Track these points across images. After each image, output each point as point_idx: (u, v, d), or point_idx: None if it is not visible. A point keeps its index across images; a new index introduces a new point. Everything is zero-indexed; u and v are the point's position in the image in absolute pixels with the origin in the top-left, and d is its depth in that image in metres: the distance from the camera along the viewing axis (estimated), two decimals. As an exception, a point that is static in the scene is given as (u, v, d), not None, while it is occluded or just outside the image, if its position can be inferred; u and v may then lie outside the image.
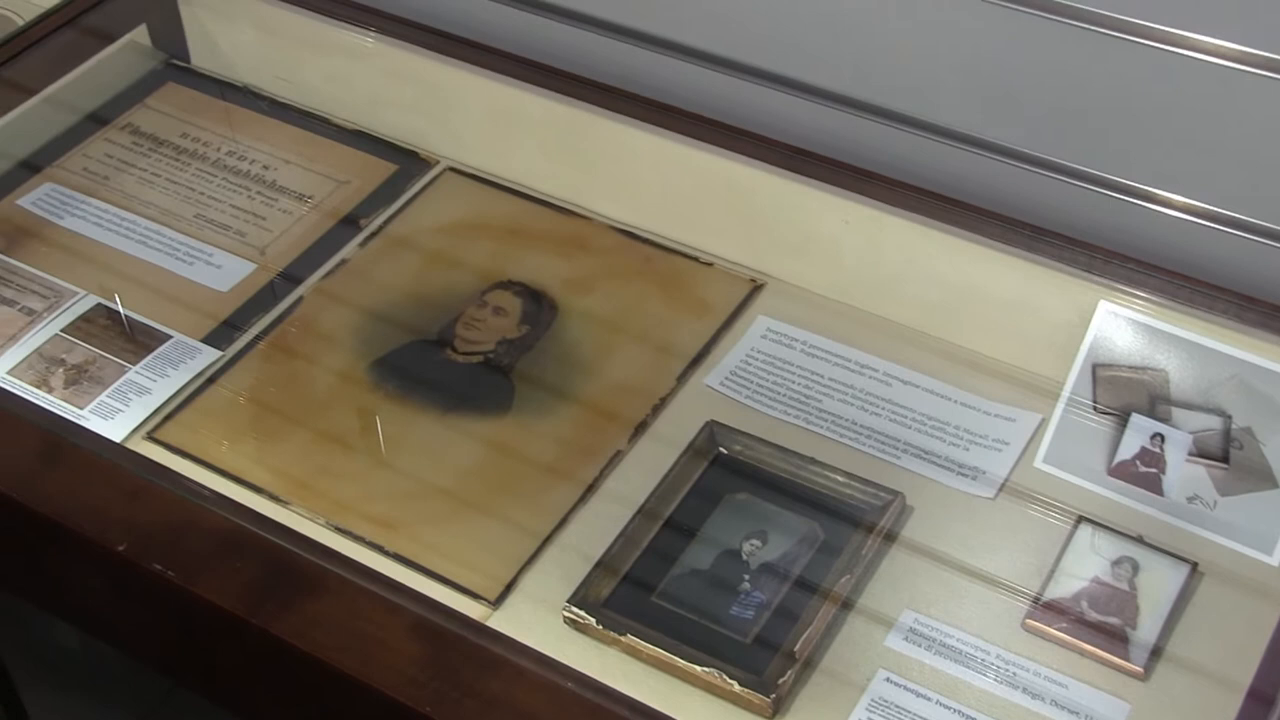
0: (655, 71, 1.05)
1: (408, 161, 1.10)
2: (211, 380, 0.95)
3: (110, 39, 1.15)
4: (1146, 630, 0.79)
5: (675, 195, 1.02)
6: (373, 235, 1.05)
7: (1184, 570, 0.82)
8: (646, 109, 1.02)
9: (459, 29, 1.10)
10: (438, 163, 1.10)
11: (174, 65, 1.18)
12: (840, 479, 0.87)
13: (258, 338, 0.98)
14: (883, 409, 0.92)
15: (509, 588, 0.83)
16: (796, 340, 0.96)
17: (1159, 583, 0.81)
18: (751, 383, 0.94)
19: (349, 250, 1.04)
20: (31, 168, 1.10)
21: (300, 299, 1.00)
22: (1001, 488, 0.88)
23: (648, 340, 0.97)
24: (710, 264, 1.01)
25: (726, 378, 0.94)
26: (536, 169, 1.07)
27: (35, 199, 1.07)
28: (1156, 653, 0.79)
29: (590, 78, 1.05)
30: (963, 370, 0.94)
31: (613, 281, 1.01)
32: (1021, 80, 0.95)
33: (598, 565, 0.83)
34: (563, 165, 1.05)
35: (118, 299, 0.98)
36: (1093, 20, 0.81)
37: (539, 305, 0.99)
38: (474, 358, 0.96)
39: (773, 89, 1.01)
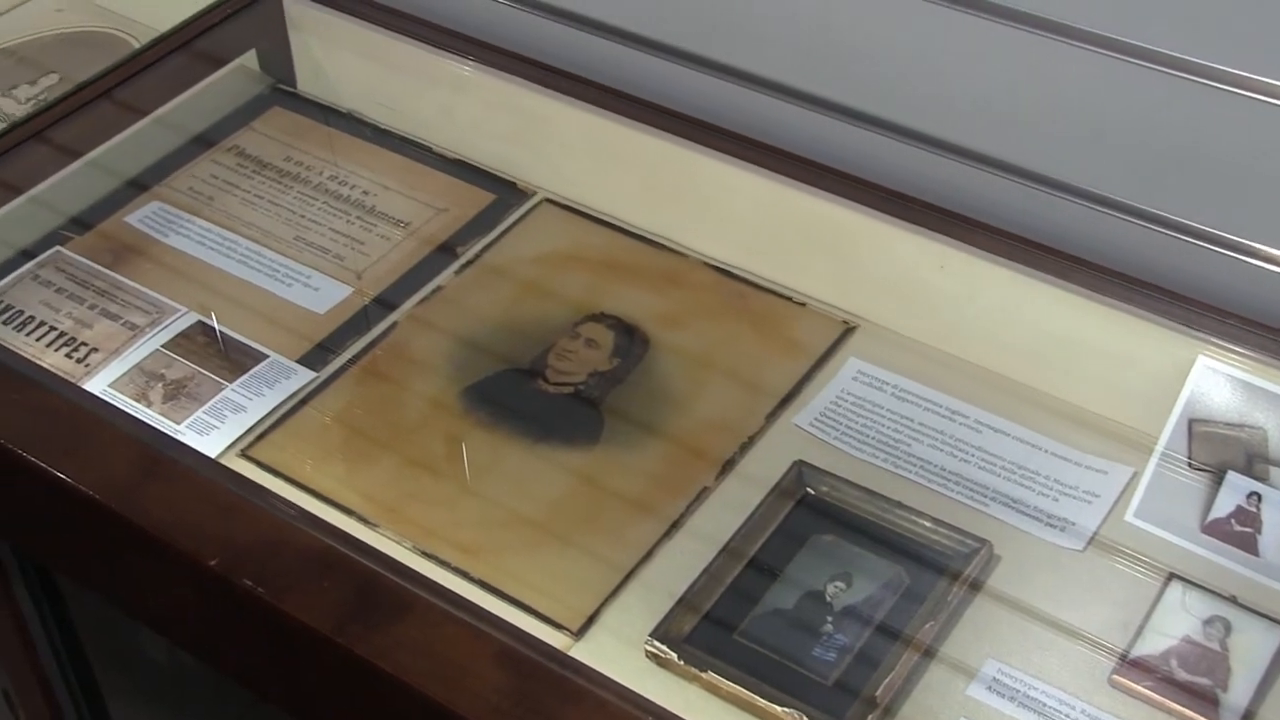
0: (756, 110, 1.06)
1: (506, 191, 1.11)
2: (305, 401, 0.96)
3: (220, 63, 1.18)
4: (1238, 693, 0.78)
5: (771, 234, 1.02)
6: (469, 263, 1.06)
7: (1279, 633, 0.80)
8: (746, 147, 1.02)
9: (560, 62, 1.11)
10: (535, 193, 1.11)
11: (281, 90, 1.21)
12: (927, 524, 0.86)
13: (352, 361, 0.99)
14: (972, 456, 0.91)
15: (591, 620, 0.83)
16: (887, 384, 0.96)
17: (1252, 645, 0.80)
18: (841, 424, 0.94)
19: (445, 277, 1.05)
20: (140, 186, 1.12)
21: (395, 324, 1.01)
22: (1091, 541, 0.87)
23: (738, 378, 0.97)
24: (803, 304, 1.01)
25: (816, 418, 0.94)
26: (633, 203, 1.07)
27: (142, 216, 1.09)
28: (1248, 717, 0.77)
29: (690, 114, 1.06)
30: (1055, 420, 0.93)
31: (705, 318, 1.01)
32: (1122, 129, 0.94)
33: (680, 601, 0.83)
34: (660, 200, 1.06)
35: (213, 317, 1.00)
36: (1196, 71, 0.80)
37: (631, 339, 1.00)
38: (565, 389, 0.97)
39: (873, 131, 1.01)
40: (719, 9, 1.04)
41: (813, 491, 0.89)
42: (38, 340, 0.99)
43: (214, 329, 1.00)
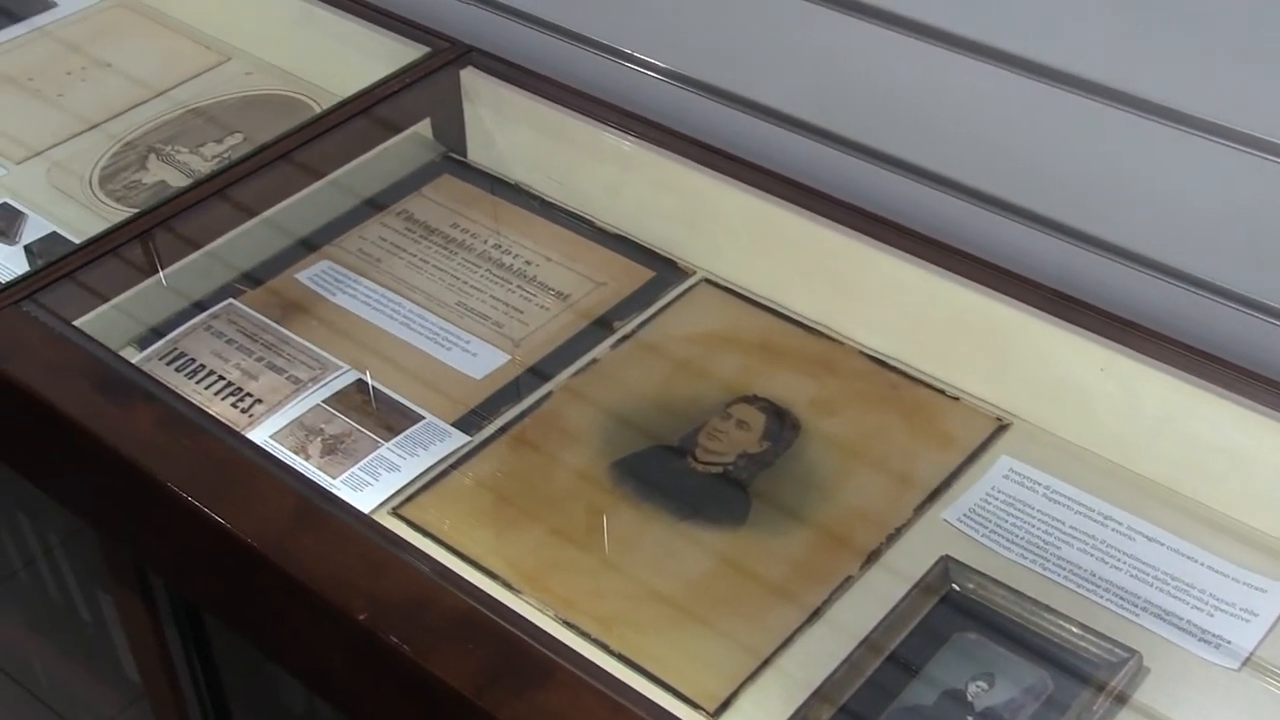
0: (919, 201, 1.06)
1: (665, 269, 1.12)
2: (457, 464, 0.98)
3: (396, 130, 1.21)
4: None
5: (928, 326, 1.01)
6: (625, 338, 1.07)
7: None
8: (907, 238, 1.02)
9: (727, 144, 1.12)
10: (694, 273, 1.12)
11: (451, 159, 1.24)
12: (1075, 630, 0.85)
13: (505, 427, 1.00)
14: (1124, 564, 0.89)
15: (727, 703, 0.83)
16: (1039, 484, 0.94)
17: None
18: (989, 522, 0.92)
19: (600, 351, 1.06)
20: (311, 245, 1.16)
21: (549, 394, 1.03)
22: (1247, 661, 0.84)
23: (887, 468, 0.97)
24: (957, 398, 1.01)
25: (964, 514, 0.93)
26: (791, 287, 1.08)
27: (312, 274, 1.13)
28: None
29: (854, 203, 1.06)
30: (1213, 533, 0.91)
31: (857, 406, 1.01)
32: (1299, 242, 0.93)
33: (818, 692, 0.82)
34: (818, 286, 1.06)
35: (373, 376, 1.02)
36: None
37: (782, 423, 1.00)
38: (713, 468, 0.97)
39: (1036, 229, 1.01)
40: (888, 102, 1.05)
41: (958, 588, 0.88)
42: (207, 388, 1.02)
43: (374, 388, 1.02)
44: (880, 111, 1.06)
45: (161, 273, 1.09)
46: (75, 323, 1.01)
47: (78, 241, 1.10)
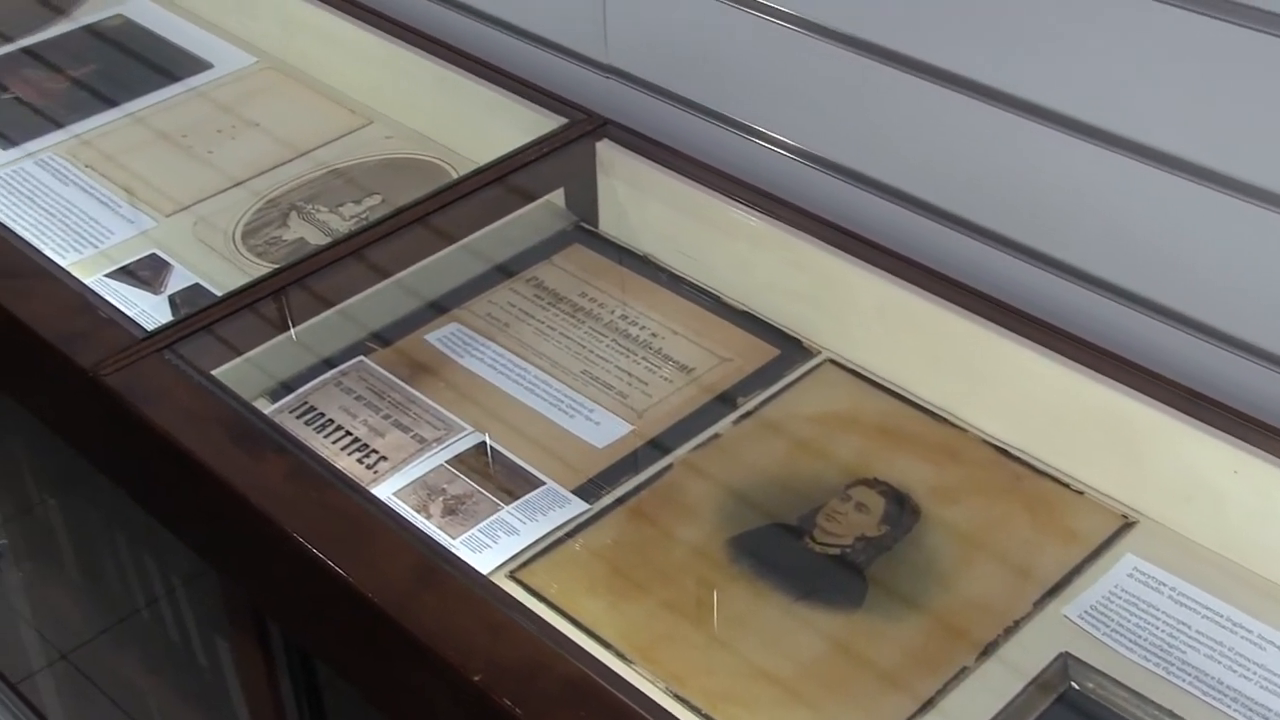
0: (1051, 293, 1.05)
1: (791, 348, 1.12)
2: (575, 532, 0.98)
3: (530, 199, 1.23)
4: None
5: (1055, 419, 1.00)
6: (747, 415, 1.07)
7: None
8: (1036, 329, 1.02)
9: (858, 226, 1.12)
10: (820, 353, 1.12)
11: (583, 228, 1.25)
12: (1197, 739, 0.83)
13: (624, 497, 1.01)
14: (1254, 673, 0.87)
15: (836, 788, 0.82)
16: (1165, 586, 0.93)
17: None
18: (1111, 621, 0.91)
19: (722, 426, 1.06)
20: (441, 308, 1.18)
21: (669, 466, 1.03)
22: (1377, 780, 0.81)
23: (1007, 560, 0.95)
24: (1081, 493, 0.99)
25: (1086, 611, 0.91)
26: (917, 372, 1.07)
27: (441, 336, 1.15)
28: None
29: (982, 290, 1.06)
30: (1346, 647, 0.88)
31: (979, 495, 1.00)
32: None
33: (929, 782, 0.81)
34: (944, 372, 1.05)
35: (497, 440, 1.03)
36: None
37: (902, 508, 0.99)
38: (831, 550, 0.96)
39: (1171, 326, 1.00)
40: (1020, 190, 1.05)
41: (1077, 686, 0.86)
42: (334, 443, 1.04)
43: (496, 451, 1.03)
44: (1013, 199, 1.06)
45: (296, 328, 1.12)
46: (213, 372, 1.03)
47: (219, 294, 1.14)
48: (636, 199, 1.22)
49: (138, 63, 1.49)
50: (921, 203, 1.11)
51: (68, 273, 1.13)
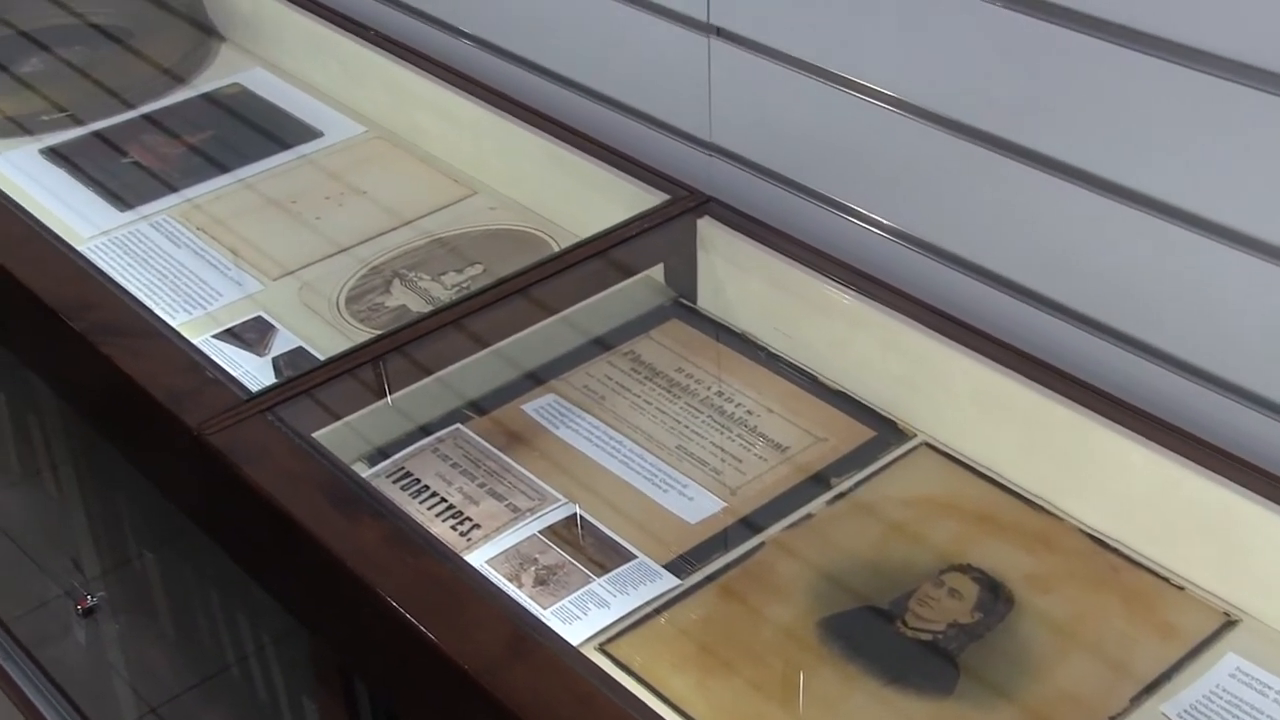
0: (1151, 381, 1.04)
1: (886, 430, 1.12)
2: (665, 607, 0.98)
3: (630, 273, 1.24)
4: None
5: (1153, 510, 0.99)
6: (841, 496, 1.07)
7: None
8: (1136, 418, 1.01)
9: (957, 310, 1.12)
10: (915, 435, 1.11)
11: (681, 304, 1.26)
12: (1298, 846, 0.81)
13: (715, 574, 1.01)
14: (1356, 780, 0.85)
15: None
16: (1270, 688, 0.90)
17: None
18: (1210, 720, 0.89)
19: (815, 506, 1.06)
20: (539, 379, 1.19)
21: (761, 545, 1.03)
22: None
23: (1103, 653, 0.94)
24: (1181, 588, 0.98)
25: (1185, 710, 0.89)
26: (1013, 458, 1.06)
27: (538, 406, 1.16)
28: None
29: (1082, 377, 1.05)
30: None
31: (1074, 586, 0.99)
32: None
33: None
34: (1041, 460, 1.05)
35: (585, 510, 1.04)
36: None
37: (996, 595, 0.98)
38: (922, 635, 0.96)
39: (1274, 419, 0.98)
40: (1120, 277, 1.04)
41: (1173, 787, 0.85)
42: (429, 509, 1.05)
43: (589, 523, 1.04)
44: (1111, 285, 1.05)
45: (395, 394, 1.13)
46: (313, 435, 1.05)
47: (322, 358, 1.16)
48: (736, 276, 1.23)
49: (252, 130, 1.53)
50: (1020, 287, 1.11)
51: (177, 333, 1.15)
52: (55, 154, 1.48)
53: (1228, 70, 0.92)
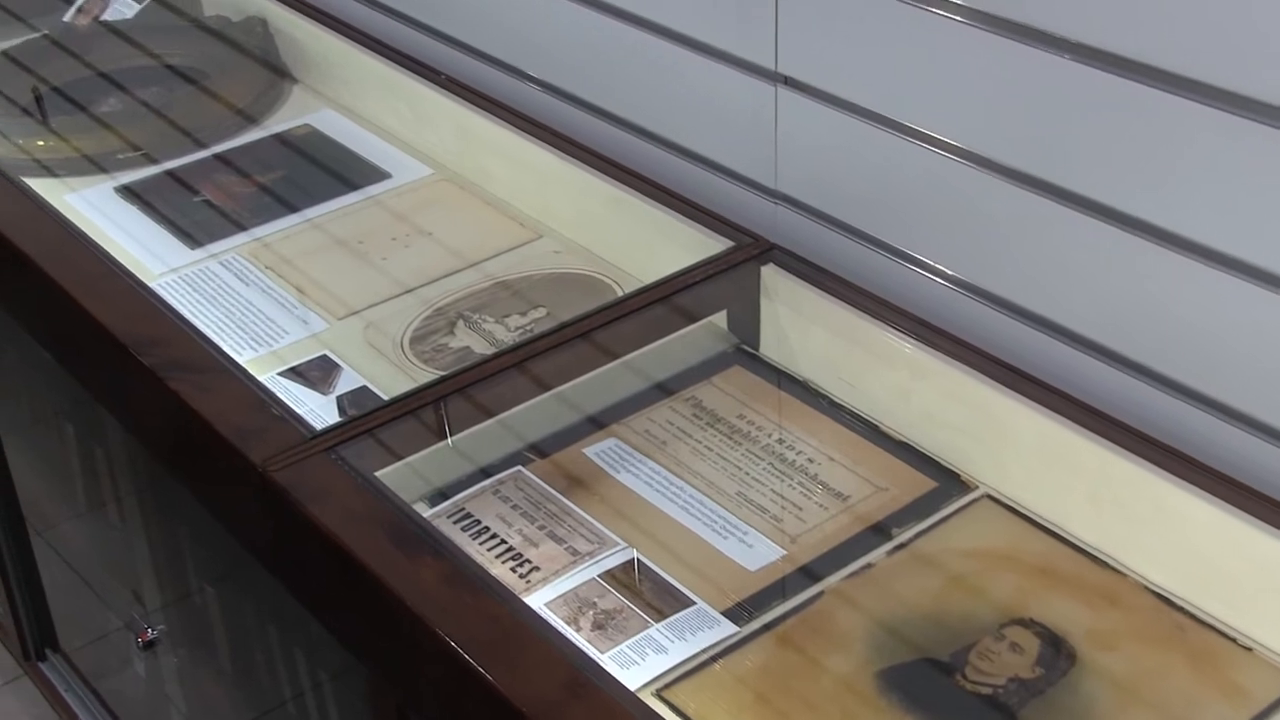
0: (1218, 438, 1.03)
1: (948, 481, 1.11)
2: (723, 654, 0.98)
3: (692, 319, 1.25)
4: None
5: (1220, 569, 0.98)
6: (901, 546, 1.06)
7: None
8: (1203, 475, 0.99)
9: (1021, 362, 1.11)
10: (977, 487, 1.11)
11: (744, 351, 1.26)
12: None
13: (773, 623, 1.00)
14: None
15: None
16: (1335, 750, 0.89)
17: None
18: (1276, 784, 0.87)
19: (876, 556, 1.05)
20: (600, 423, 1.19)
21: (820, 594, 1.02)
22: None
23: (1168, 713, 0.93)
24: (1249, 649, 0.96)
25: (1250, 772, 0.88)
26: (1076, 512, 1.05)
27: (599, 450, 1.16)
28: None
29: (1147, 432, 1.04)
30: None
31: (1139, 643, 0.97)
32: None
33: None
34: (1106, 515, 1.04)
35: (644, 555, 1.04)
36: None
37: (1057, 651, 0.97)
38: (982, 689, 0.95)
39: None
40: (1185, 331, 1.03)
41: None
42: (489, 550, 1.05)
43: (648, 568, 1.04)
44: (1178, 339, 1.04)
45: (458, 435, 1.14)
46: (376, 474, 1.06)
47: (385, 397, 1.17)
48: (798, 324, 1.23)
49: (321, 171, 1.55)
50: (1084, 339, 1.10)
51: (244, 370, 1.16)
52: (129, 192, 1.51)
53: (1300, 126, 0.92)
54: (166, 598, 1.53)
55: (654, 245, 1.32)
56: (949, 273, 1.18)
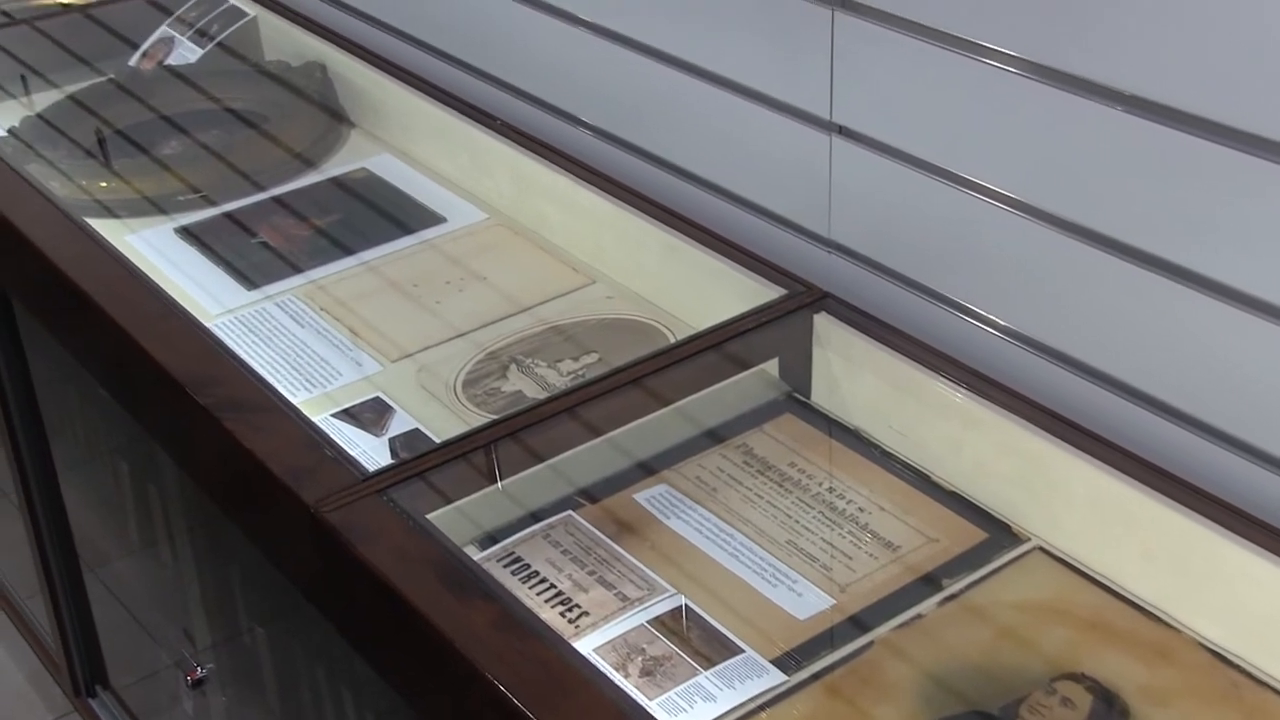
0: (1277, 494, 1.02)
1: (999, 533, 1.11)
2: (771, 703, 0.98)
3: (744, 366, 1.25)
4: None
5: (1278, 626, 0.96)
6: (951, 597, 1.05)
7: None
8: (1260, 530, 0.98)
9: (1076, 414, 1.11)
10: (1029, 539, 1.10)
11: (795, 398, 1.26)
12: None
13: (822, 672, 1.00)
14: None
15: None
16: (1395, 814, 0.88)
17: None
18: (1333, 847, 0.86)
19: (926, 607, 1.05)
20: (651, 469, 1.19)
21: (870, 644, 1.02)
22: None
23: (1222, 772, 0.92)
24: (1305, 707, 0.95)
25: (1306, 834, 0.87)
26: (1129, 566, 1.05)
27: (649, 496, 1.16)
28: None
29: (1203, 487, 1.03)
30: None
31: (1192, 701, 0.96)
32: None
33: None
34: (1158, 568, 1.03)
35: (692, 602, 1.04)
36: None
37: (1109, 707, 0.96)
38: (1034, 744, 0.94)
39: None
40: (1244, 387, 1.02)
41: None
42: (539, 594, 1.06)
43: (697, 615, 1.04)
44: (1237, 394, 1.03)
45: (508, 479, 1.14)
46: (427, 516, 1.06)
47: (437, 440, 1.17)
48: (850, 372, 1.23)
49: (377, 214, 1.56)
50: (1138, 392, 1.09)
51: (298, 410, 1.17)
52: (188, 233, 1.53)
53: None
54: (216, 636, 1.54)
55: (707, 292, 1.32)
56: (1001, 323, 1.18)
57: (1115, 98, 1.03)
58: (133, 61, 1.86)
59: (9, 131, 1.69)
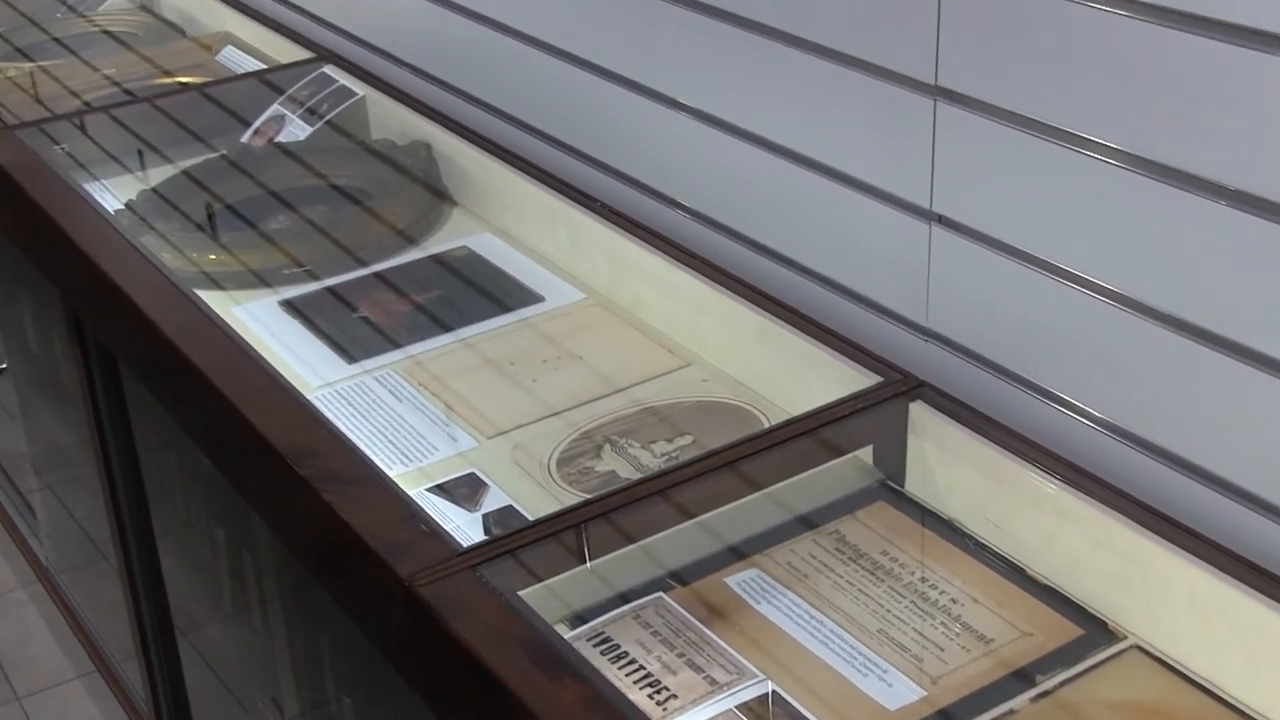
0: (1383, 600, 1.00)
1: (1094, 629, 1.09)
2: (859, 794, 0.97)
3: (838, 453, 1.25)
4: None
5: (1383, 735, 0.94)
6: (1045, 694, 1.04)
7: None
8: (1366, 637, 0.96)
9: (1174, 510, 1.09)
10: (1126, 637, 1.08)
11: (888, 486, 1.26)
12: None
13: (912, 765, 0.99)
14: None
15: None
16: None
17: None
18: None
19: (1018, 702, 1.03)
20: (742, 553, 1.19)
21: (961, 738, 1.01)
22: None
23: None
24: None
25: None
26: (1230, 668, 1.02)
27: (740, 580, 1.16)
28: None
29: (1308, 590, 1.01)
30: None
31: (1294, 809, 0.94)
32: None
33: None
34: (1260, 672, 1.00)
35: (779, 688, 1.03)
36: None
37: (1208, 812, 0.94)
38: None
39: None
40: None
41: None
42: (628, 675, 1.06)
43: (786, 702, 1.03)
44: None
45: (600, 559, 1.15)
46: (519, 593, 1.07)
47: (530, 518, 1.18)
48: (945, 462, 1.22)
49: (476, 292, 1.59)
50: (1240, 490, 1.08)
51: (395, 484, 1.19)
52: (291, 306, 1.56)
53: None
54: (304, 704, 1.55)
55: (802, 377, 1.32)
56: (1099, 415, 1.17)
57: (1218, 192, 1.03)
58: (245, 138, 1.91)
59: (126, 205, 1.74)
